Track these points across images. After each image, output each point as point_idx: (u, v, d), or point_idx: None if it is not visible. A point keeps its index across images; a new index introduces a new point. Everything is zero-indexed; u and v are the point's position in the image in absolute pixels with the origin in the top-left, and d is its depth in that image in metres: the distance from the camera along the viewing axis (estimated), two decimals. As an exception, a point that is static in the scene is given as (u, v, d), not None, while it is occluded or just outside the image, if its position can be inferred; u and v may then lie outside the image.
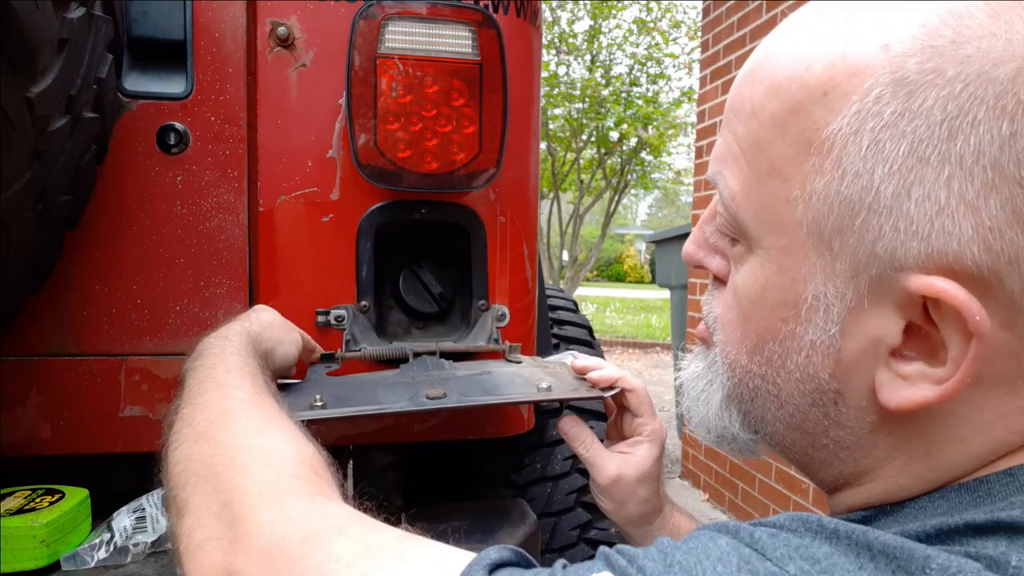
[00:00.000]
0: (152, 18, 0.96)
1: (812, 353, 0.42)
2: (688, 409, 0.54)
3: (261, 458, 0.49)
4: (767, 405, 0.46)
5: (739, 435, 0.50)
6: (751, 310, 0.45)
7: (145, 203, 0.95)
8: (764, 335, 0.44)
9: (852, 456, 0.44)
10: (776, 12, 2.95)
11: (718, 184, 0.46)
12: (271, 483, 0.46)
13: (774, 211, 0.42)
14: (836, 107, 0.38)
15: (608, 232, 11.69)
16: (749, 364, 0.46)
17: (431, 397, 0.81)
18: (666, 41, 8.65)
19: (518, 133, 1.05)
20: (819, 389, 0.43)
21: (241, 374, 0.61)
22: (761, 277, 0.44)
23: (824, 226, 0.39)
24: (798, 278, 0.41)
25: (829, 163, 0.38)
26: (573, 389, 0.87)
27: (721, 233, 0.48)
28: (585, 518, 1.28)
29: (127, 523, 0.84)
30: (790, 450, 0.48)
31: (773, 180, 0.41)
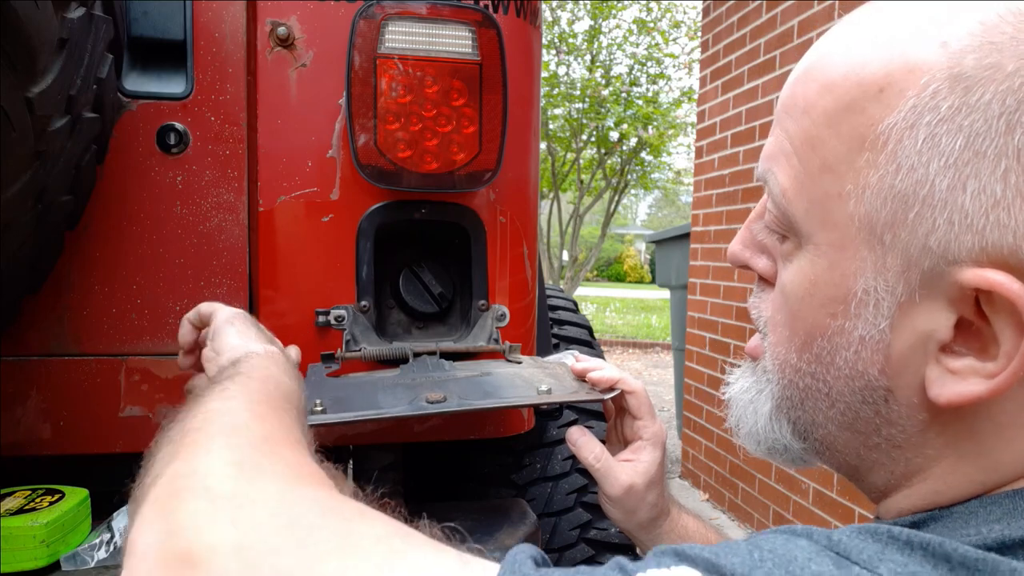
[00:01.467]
0: (152, 18, 0.96)
1: (861, 348, 0.42)
2: (737, 422, 0.54)
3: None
4: (818, 406, 0.46)
5: (791, 445, 0.50)
6: (800, 307, 0.45)
7: (145, 203, 0.95)
8: (813, 332, 0.44)
9: (904, 455, 0.44)
10: (776, 12, 2.95)
11: (768, 182, 0.46)
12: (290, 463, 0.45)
13: (825, 207, 0.42)
14: (892, 103, 0.38)
15: (608, 232, 11.69)
16: (799, 363, 0.46)
17: (431, 401, 0.81)
18: (666, 41, 8.65)
19: (518, 133, 1.05)
20: (869, 386, 0.43)
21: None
22: (811, 273, 0.44)
23: (876, 220, 0.40)
24: (848, 273, 0.42)
25: (883, 158, 0.39)
26: (573, 392, 0.87)
27: (770, 230, 0.48)
28: (585, 518, 1.28)
29: (127, 523, 0.84)
30: (842, 452, 0.47)
31: (825, 176, 0.42)
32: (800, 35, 2.78)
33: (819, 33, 2.64)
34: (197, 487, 0.39)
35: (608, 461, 0.79)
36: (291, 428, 0.51)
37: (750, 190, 3.12)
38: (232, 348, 0.68)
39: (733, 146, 3.31)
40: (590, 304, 14.13)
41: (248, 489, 0.39)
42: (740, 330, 3.15)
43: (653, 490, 0.78)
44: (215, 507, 0.37)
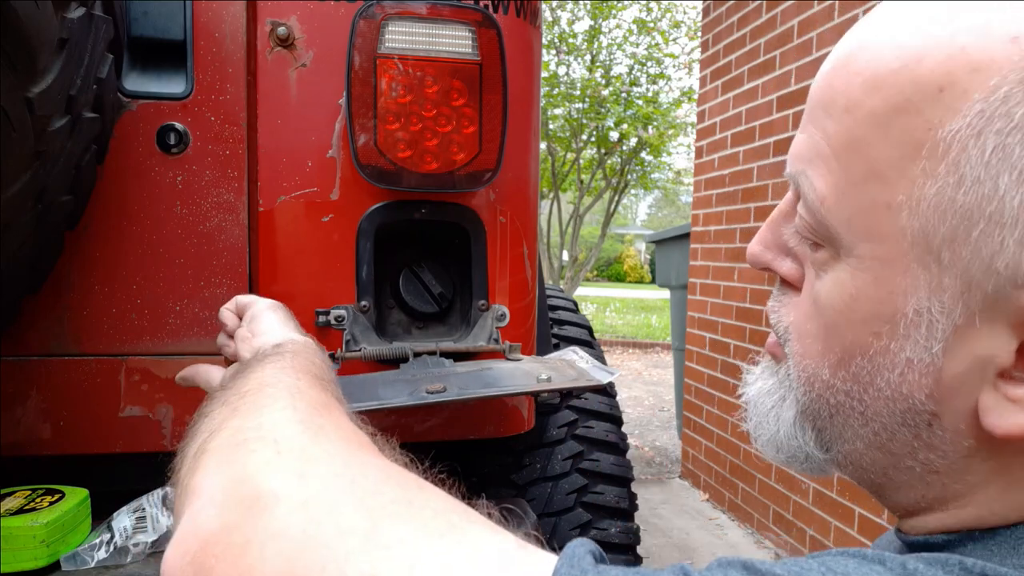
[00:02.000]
0: (152, 18, 0.96)
1: (908, 371, 0.39)
2: (756, 427, 0.50)
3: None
4: (848, 422, 0.43)
5: (813, 454, 0.47)
6: (837, 321, 0.41)
7: (145, 203, 0.95)
8: (852, 349, 0.41)
9: (941, 480, 0.41)
10: (776, 12, 2.95)
11: (801, 185, 0.42)
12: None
13: (871, 217, 0.38)
14: (954, 106, 0.34)
15: (608, 232, 11.69)
16: (832, 379, 0.43)
17: (431, 391, 0.81)
18: (666, 41, 8.65)
19: (518, 133, 1.05)
20: (912, 409, 0.39)
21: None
22: (851, 287, 0.40)
23: (933, 236, 0.36)
24: (897, 291, 0.38)
25: (944, 167, 0.35)
26: (572, 380, 0.87)
27: (801, 237, 0.44)
28: (585, 518, 1.28)
29: (127, 523, 0.84)
30: (866, 470, 0.44)
31: (871, 184, 0.38)
32: (800, 35, 2.78)
33: (819, 33, 2.64)
34: (266, 438, 0.40)
35: None
36: (341, 403, 0.52)
37: (750, 190, 3.12)
38: (271, 332, 0.69)
39: (733, 146, 3.31)
40: (590, 304, 14.13)
41: (313, 446, 0.39)
42: (740, 330, 3.15)
43: None
44: (282, 459, 0.38)
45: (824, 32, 2.61)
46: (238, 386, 0.50)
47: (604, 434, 1.36)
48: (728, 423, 3.33)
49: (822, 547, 2.60)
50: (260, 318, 0.73)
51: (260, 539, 0.35)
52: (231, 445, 0.40)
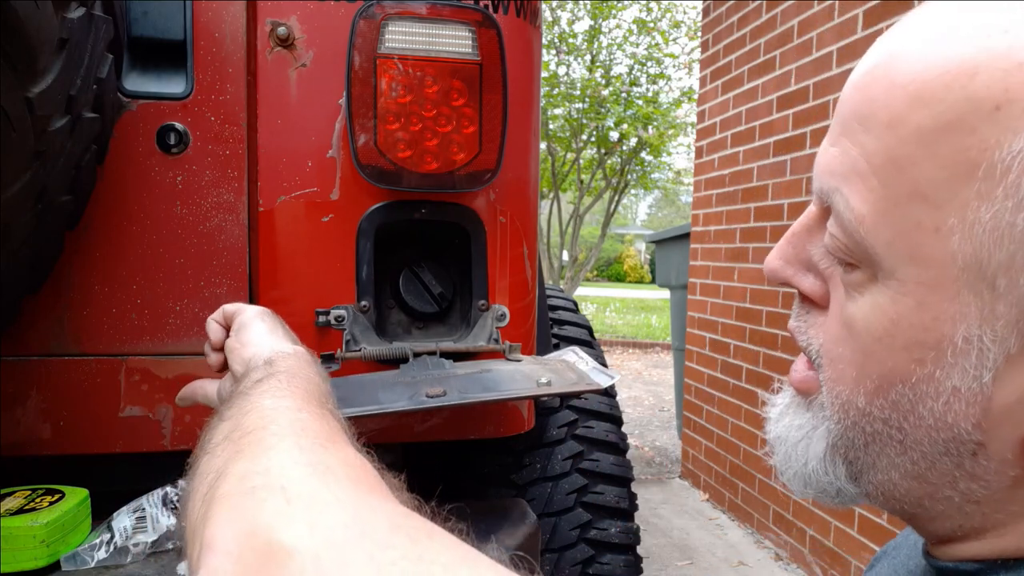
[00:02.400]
0: (152, 18, 0.96)
1: (954, 400, 0.37)
2: (783, 462, 0.48)
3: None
4: (884, 451, 0.41)
5: (844, 488, 0.45)
6: (874, 348, 0.39)
7: (145, 203, 0.95)
8: (891, 377, 0.39)
9: (981, 511, 0.39)
10: (776, 12, 2.96)
11: (835, 203, 0.40)
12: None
13: (916, 241, 0.36)
14: (1013, 125, 0.32)
15: (608, 232, 11.69)
16: (868, 407, 0.40)
17: (431, 395, 0.81)
18: (666, 41, 8.65)
19: (518, 133, 1.05)
20: (956, 439, 0.38)
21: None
22: (891, 312, 0.38)
23: (988, 262, 0.34)
24: (944, 317, 0.36)
25: (1002, 190, 0.33)
26: (572, 384, 0.87)
27: (833, 257, 0.42)
28: (585, 518, 1.28)
29: (127, 523, 0.84)
30: (900, 500, 0.42)
31: (917, 205, 0.35)
32: (800, 35, 2.78)
33: (819, 33, 2.64)
34: (273, 486, 0.39)
35: None
36: (341, 430, 0.51)
37: (750, 190, 3.12)
38: (260, 344, 0.67)
39: (733, 146, 3.31)
40: (590, 304, 14.13)
41: (323, 492, 0.39)
42: (740, 330, 3.16)
43: None
44: (292, 508, 0.37)
45: (824, 32, 2.61)
46: (239, 418, 0.49)
47: (604, 434, 1.36)
48: (728, 423, 3.33)
49: (822, 547, 2.60)
50: (248, 328, 0.71)
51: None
52: (240, 493, 0.39)
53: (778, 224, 2.89)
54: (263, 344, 0.67)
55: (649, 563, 2.67)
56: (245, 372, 0.63)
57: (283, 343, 0.68)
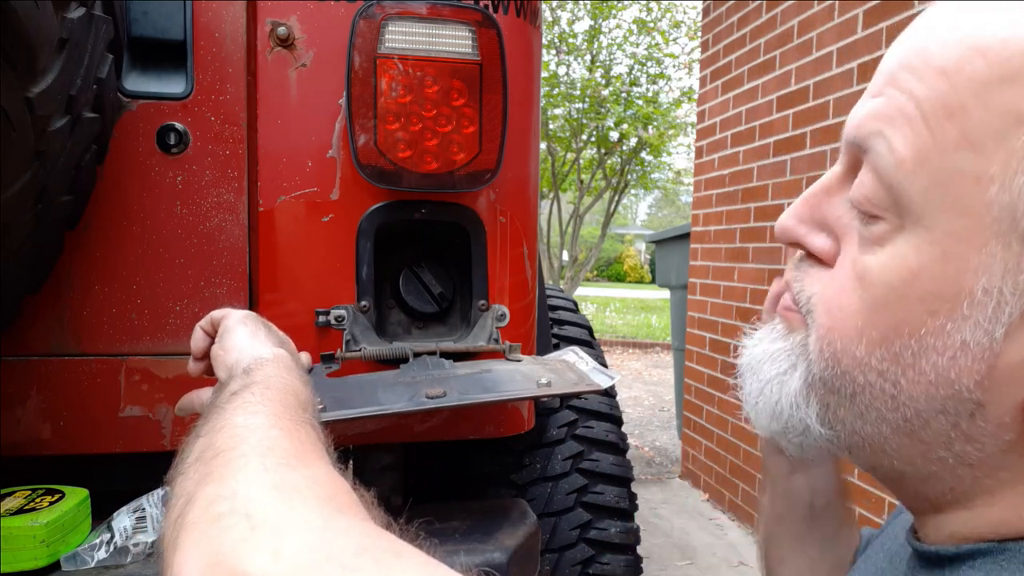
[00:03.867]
0: (152, 18, 0.96)
1: (961, 355, 0.37)
2: (752, 392, 0.48)
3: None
4: (873, 404, 0.41)
5: (813, 427, 0.45)
6: (888, 298, 0.39)
7: (145, 203, 0.95)
8: (900, 328, 0.39)
9: (973, 474, 0.39)
10: (776, 12, 2.95)
11: (874, 147, 0.39)
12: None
13: (955, 189, 0.36)
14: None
15: (608, 232, 11.69)
16: (866, 357, 0.40)
17: (431, 396, 0.81)
18: (666, 41, 8.65)
19: (518, 133, 1.05)
20: (955, 396, 0.38)
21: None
22: (914, 262, 0.38)
23: (1022, 213, 0.34)
24: (967, 268, 0.36)
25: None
26: (573, 384, 0.87)
27: (856, 209, 0.41)
28: (585, 518, 1.28)
29: (127, 523, 0.84)
30: (889, 456, 0.42)
31: (962, 153, 0.36)
32: (800, 35, 2.78)
33: (819, 33, 2.64)
34: (238, 512, 0.39)
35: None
36: (316, 442, 0.50)
37: (750, 190, 3.12)
38: (241, 349, 0.67)
39: (733, 146, 3.31)
40: (590, 304, 14.13)
41: (288, 515, 0.38)
42: (740, 330, 3.14)
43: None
44: (257, 535, 0.37)
45: (824, 32, 2.61)
46: (211, 436, 0.49)
47: (604, 434, 1.36)
48: (728, 423, 3.33)
49: (822, 547, 2.60)
50: (231, 333, 0.71)
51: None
52: (206, 520, 0.39)
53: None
54: (244, 349, 0.67)
55: (649, 563, 2.67)
56: (227, 380, 0.63)
57: (264, 347, 0.67)
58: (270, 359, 0.63)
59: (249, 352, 0.66)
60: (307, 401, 0.58)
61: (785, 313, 0.47)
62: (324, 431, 0.55)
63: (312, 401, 0.60)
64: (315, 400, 0.61)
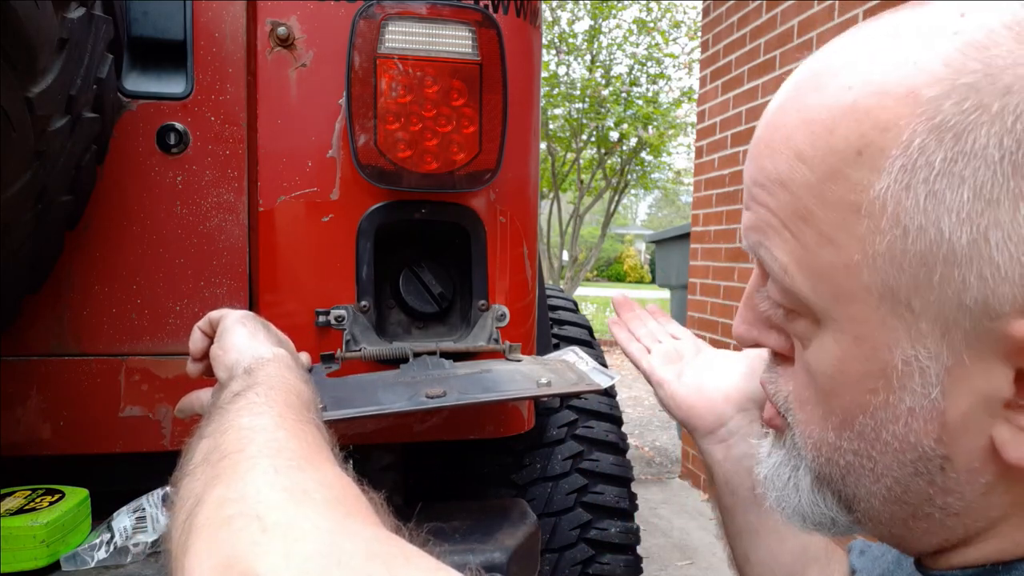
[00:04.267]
0: (152, 18, 0.96)
1: (912, 420, 0.39)
2: (778, 501, 0.50)
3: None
4: (861, 481, 0.43)
5: (838, 518, 0.46)
6: (831, 386, 0.42)
7: (145, 203, 0.95)
8: (852, 410, 0.41)
9: (962, 522, 0.40)
10: (776, 12, 2.95)
11: (763, 258, 0.43)
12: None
13: (835, 280, 0.39)
14: (876, 165, 0.36)
15: (608, 232, 11.69)
16: (838, 441, 0.42)
17: (431, 396, 0.81)
18: (666, 41, 8.66)
19: (518, 133, 1.05)
20: (922, 457, 0.39)
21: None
22: (836, 351, 0.40)
23: (898, 287, 0.37)
24: (880, 346, 0.38)
25: (886, 222, 0.36)
26: (573, 384, 0.87)
27: (776, 305, 0.44)
28: (585, 518, 1.28)
29: (127, 523, 0.85)
30: (886, 524, 0.44)
31: (825, 249, 0.39)
32: (800, 35, 2.78)
33: (819, 33, 2.64)
34: (248, 514, 0.39)
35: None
36: (321, 443, 0.51)
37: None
38: (240, 349, 0.67)
39: (733, 146, 3.31)
40: (590, 304, 14.12)
41: (298, 518, 0.39)
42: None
43: (747, 413, 0.70)
44: (268, 538, 0.37)
45: (824, 32, 2.61)
46: (217, 437, 0.49)
47: (604, 434, 1.36)
48: (728, 423, 3.33)
49: (822, 547, 2.60)
50: (229, 333, 0.71)
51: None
52: (217, 523, 0.39)
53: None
54: (244, 349, 0.67)
55: (649, 563, 2.67)
56: (227, 381, 0.63)
57: (264, 347, 0.67)
58: (271, 359, 0.64)
59: (249, 352, 0.66)
60: (310, 401, 0.58)
61: (770, 423, 0.50)
62: (328, 431, 0.55)
63: (314, 400, 0.60)
64: (317, 400, 0.61)
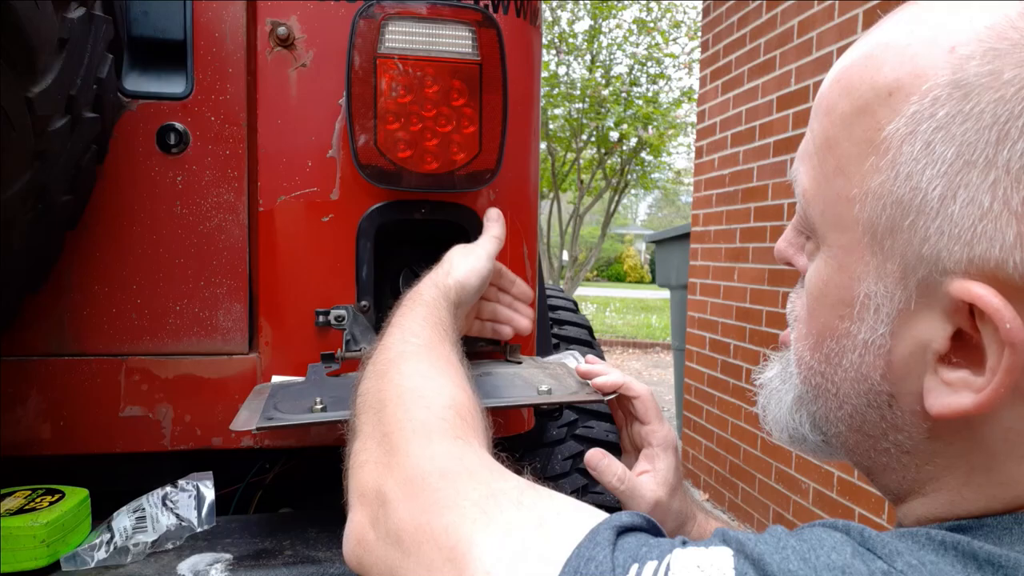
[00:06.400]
0: (152, 18, 0.96)
1: (865, 352, 0.42)
2: (764, 407, 0.55)
3: (420, 399, 0.57)
4: (828, 404, 0.47)
5: (808, 436, 0.51)
6: (815, 307, 0.46)
7: (145, 203, 0.95)
8: (824, 332, 0.45)
9: (914, 462, 0.44)
10: (776, 12, 2.95)
11: (796, 181, 0.47)
12: (423, 422, 0.55)
13: (837, 209, 0.42)
14: (897, 108, 0.38)
15: (608, 232, 11.70)
16: (811, 360, 0.47)
17: None
18: (666, 41, 8.66)
19: (518, 133, 1.05)
20: (873, 390, 0.43)
21: (423, 323, 0.70)
22: (824, 274, 0.44)
23: (878, 225, 0.40)
24: (854, 276, 0.42)
25: (885, 163, 0.39)
26: (573, 392, 0.87)
27: (796, 230, 0.49)
28: (585, 518, 1.28)
29: (127, 523, 0.85)
30: (854, 452, 0.48)
31: (838, 178, 0.42)
32: (800, 35, 2.78)
33: (819, 33, 2.64)
34: (416, 434, 0.54)
35: (631, 481, 0.77)
36: (455, 346, 0.70)
37: (750, 190, 3.12)
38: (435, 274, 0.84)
39: (733, 146, 3.31)
40: (590, 304, 14.13)
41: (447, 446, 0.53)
42: (740, 330, 3.15)
43: (676, 497, 0.77)
44: (432, 442, 0.54)
45: (824, 32, 2.61)
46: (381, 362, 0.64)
47: (604, 434, 1.36)
48: (728, 423, 3.33)
49: (822, 547, 2.60)
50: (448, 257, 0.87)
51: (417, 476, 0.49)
52: (381, 435, 0.55)
53: (778, 224, 2.89)
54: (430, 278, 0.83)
55: (649, 563, 2.66)
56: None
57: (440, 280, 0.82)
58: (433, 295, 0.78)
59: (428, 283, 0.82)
60: (451, 330, 0.74)
61: (783, 339, 0.54)
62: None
63: (455, 329, 0.75)
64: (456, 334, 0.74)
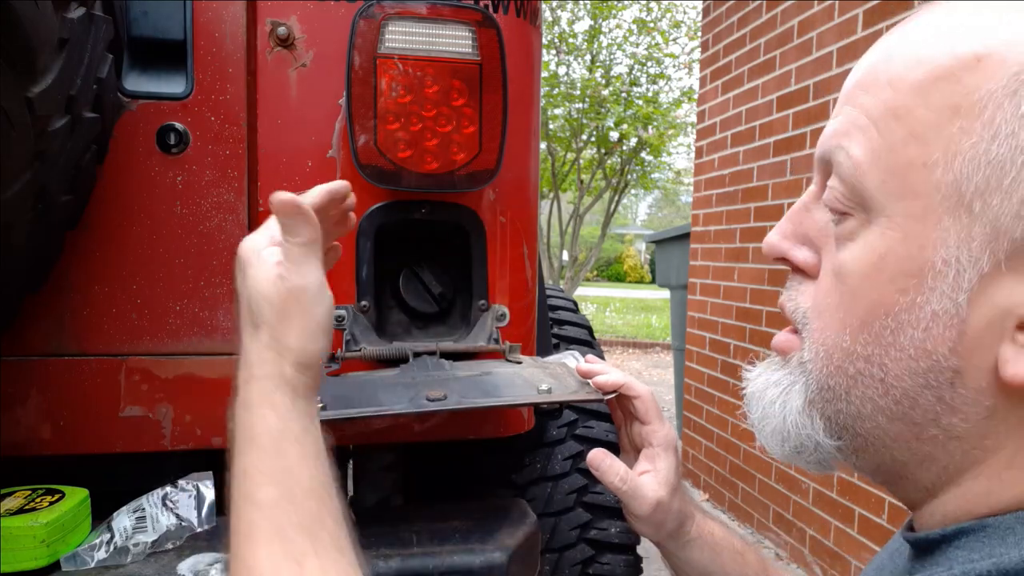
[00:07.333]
0: (152, 18, 0.96)
1: (933, 325, 0.41)
2: (759, 420, 0.51)
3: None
4: (867, 394, 0.44)
5: (822, 442, 0.48)
6: (862, 285, 0.43)
7: (145, 203, 0.95)
8: (876, 310, 0.43)
9: (961, 447, 0.42)
10: (776, 12, 2.96)
11: (836, 158, 0.45)
12: None
13: (906, 177, 0.41)
14: (992, 72, 0.38)
15: (608, 232, 11.69)
16: (852, 345, 0.44)
17: (431, 398, 0.81)
18: (666, 41, 8.66)
19: (518, 133, 1.05)
20: (935, 367, 0.41)
21: (274, 460, 0.56)
22: (880, 247, 0.42)
23: (967, 187, 0.39)
24: (926, 244, 0.40)
25: (979, 124, 0.39)
26: (573, 391, 0.87)
27: (832, 210, 0.46)
28: (585, 518, 1.28)
29: (127, 523, 0.85)
30: (890, 448, 0.45)
31: (910, 146, 0.41)
32: (800, 35, 2.78)
33: (819, 33, 2.64)
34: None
35: (633, 481, 0.76)
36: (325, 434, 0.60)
37: (750, 190, 3.12)
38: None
39: (733, 146, 3.31)
40: (590, 304, 14.13)
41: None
42: (740, 330, 3.15)
43: (676, 497, 0.77)
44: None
45: (824, 32, 2.61)
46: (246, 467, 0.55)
47: (604, 434, 1.36)
48: (728, 423, 3.33)
49: (822, 547, 2.60)
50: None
51: None
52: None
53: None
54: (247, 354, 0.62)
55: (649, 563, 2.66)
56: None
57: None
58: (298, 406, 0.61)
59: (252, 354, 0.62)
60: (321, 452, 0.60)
61: (779, 346, 0.52)
62: (326, 431, 0.59)
63: (314, 419, 0.61)
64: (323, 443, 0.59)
